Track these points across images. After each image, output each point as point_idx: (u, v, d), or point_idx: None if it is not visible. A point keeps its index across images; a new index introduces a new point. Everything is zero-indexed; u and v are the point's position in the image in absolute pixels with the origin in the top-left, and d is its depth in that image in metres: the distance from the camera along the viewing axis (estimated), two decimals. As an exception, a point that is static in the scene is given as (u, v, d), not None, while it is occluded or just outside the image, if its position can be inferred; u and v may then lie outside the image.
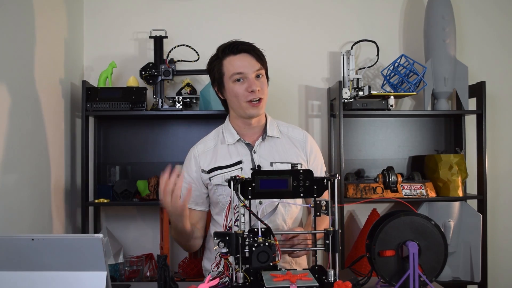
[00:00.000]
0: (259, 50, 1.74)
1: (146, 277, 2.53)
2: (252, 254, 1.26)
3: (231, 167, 1.72)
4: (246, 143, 1.76)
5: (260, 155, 1.73)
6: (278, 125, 1.83)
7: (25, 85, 2.00)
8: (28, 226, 1.98)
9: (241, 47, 1.70)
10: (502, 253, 2.82)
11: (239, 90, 1.68)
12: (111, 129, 2.72)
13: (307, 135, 1.84)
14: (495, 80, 2.81)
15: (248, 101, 1.68)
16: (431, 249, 1.31)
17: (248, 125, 1.76)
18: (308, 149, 1.81)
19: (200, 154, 1.78)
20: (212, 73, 1.77)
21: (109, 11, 2.76)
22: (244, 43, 1.73)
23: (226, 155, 1.75)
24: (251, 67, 1.68)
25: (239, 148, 1.75)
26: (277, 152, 1.75)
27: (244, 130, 1.77)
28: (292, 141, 1.80)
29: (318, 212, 1.37)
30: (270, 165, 1.69)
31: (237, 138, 1.75)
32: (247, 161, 1.72)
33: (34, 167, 2.06)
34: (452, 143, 2.81)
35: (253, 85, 1.66)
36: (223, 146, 1.77)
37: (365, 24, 2.82)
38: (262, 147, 1.75)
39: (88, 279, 1.16)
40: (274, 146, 1.76)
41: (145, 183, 2.53)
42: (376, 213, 2.60)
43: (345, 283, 1.23)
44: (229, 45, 1.72)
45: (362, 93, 2.52)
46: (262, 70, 1.71)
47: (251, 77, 1.67)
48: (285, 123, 1.87)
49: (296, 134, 1.82)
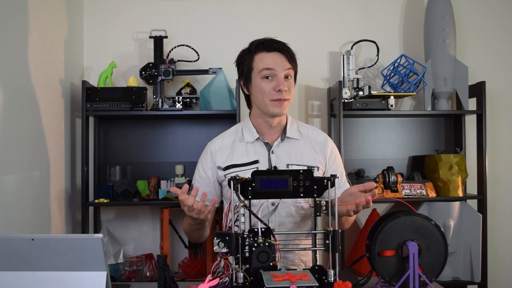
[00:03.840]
0: (292, 52, 1.72)
1: (146, 277, 2.53)
2: (252, 254, 1.26)
3: (247, 165, 1.70)
4: (265, 142, 1.74)
5: (278, 156, 1.71)
6: (298, 126, 1.80)
7: (25, 85, 2.00)
8: (28, 226, 1.98)
9: (275, 45, 1.70)
10: (502, 253, 2.82)
11: (266, 87, 1.66)
12: (111, 129, 2.73)
13: (327, 138, 1.80)
14: (495, 80, 2.81)
15: (273, 100, 1.66)
16: (431, 249, 1.31)
17: (269, 124, 1.73)
18: (328, 152, 1.77)
19: (217, 150, 1.76)
20: (241, 66, 1.75)
21: (109, 11, 2.76)
22: (279, 42, 1.72)
23: (243, 153, 1.73)
24: (282, 66, 1.67)
25: (257, 147, 1.73)
26: (295, 154, 1.72)
27: (264, 129, 1.75)
28: (311, 143, 1.77)
29: (318, 212, 1.37)
30: (286, 167, 1.67)
31: (256, 137, 1.73)
32: (263, 161, 1.71)
33: (34, 167, 2.06)
34: (452, 143, 2.80)
35: (281, 85, 1.64)
36: (241, 143, 1.75)
37: (365, 24, 2.82)
38: (281, 147, 1.73)
39: (88, 279, 1.16)
40: (293, 147, 1.74)
41: (145, 183, 2.53)
42: (376, 213, 2.60)
43: (345, 283, 1.23)
44: (264, 41, 1.71)
45: (362, 93, 2.52)
46: (292, 71, 1.70)
47: (280, 76, 1.66)
48: (306, 124, 1.85)
49: (316, 136, 1.79)
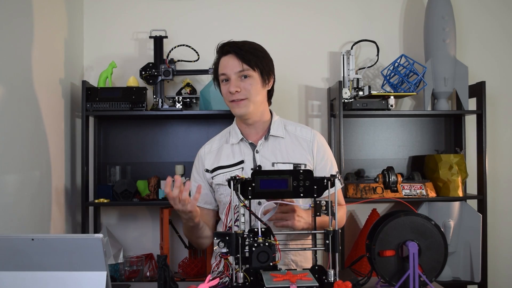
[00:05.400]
0: (247, 49, 1.69)
1: (146, 277, 2.53)
2: (252, 254, 1.25)
3: (232, 166, 1.73)
4: (250, 142, 1.75)
5: (263, 155, 1.72)
6: (285, 125, 1.80)
7: (25, 85, 2.00)
8: (28, 226, 1.97)
9: (226, 48, 1.70)
10: (502, 253, 2.82)
11: (223, 91, 1.72)
12: (111, 129, 2.72)
13: (316, 135, 1.78)
14: (495, 80, 2.81)
15: (230, 101, 1.70)
16: (431, 249, 1.31)
17: (247, 124, 1.76)
18: (315, 149, 1.75)
19: (206, 154, 1.81)
20: (214, 74, 1.80)
21: (109, 11, 2.76)
22: (231, 43, 1.71)
23: (229, 155, 1.75)
24: (232, 68, 1.68)
25: (242, 148, 1.75)
26: (280, 152, 1.73)
27: (246, 129, 1.77)
28: (298, 140, 1.76)
29: (318, 212, 1.37)
30: (272, 165, 1.68)
31: (240, 138, 1.76)
32: (248, 161, 1.72)
33: (34, 167, 2.06)
34: (452, 143, 2.80)
35: (231, 87, 1.67)
36: (227, 145, 1.78)
37: (365, 24, 2.81)
38: (265, 146, 1.74)
39: (88, 279, 1.16)
40: (278, 146, 1.74)
41: (145, 183, 2.53)
42: (376, 213, 2.60)
43: (345, 283, 1.23)
44: (220, 46, 1.74)
45: (362, 93, 2.52)
46: (249, 71, 1.68)
47: (233, 78, 1.68)
48: (295, 122, 1.84)
49: (304, 134, 1.78)
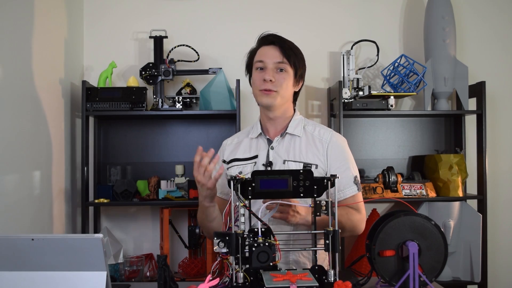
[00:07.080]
0: (290, 46, 1.71)
1: (146, 277, 2.53)
2: (252, 254, 1.25)
3: (247, 160, 1.74)
4: (267, 138, 1.75)
5: (276, 152, 1.72)
6: (305, 124, 1.77)
7: (25, 85, 2.00)
8: (28, 226, 1.98)
9: (270, 38, 1.71)
10: (502, 253, 2.82)
11: (256, 78, 1.70)
12: (111, 129, 2.72)
13: (333, 137, 1.73)
14: (495, 80, 2.81)
15: (261, 90, 1.68)
16: (431, 249, 1.31)
17: (269, 118, 1.74)
18: (330, 150, 1.71)
19: (227, 145, 1.83)
20: (247, 61, 1.79)
21: (109, 11, 2.76)
22: (275, 35, 1.73)
23: (246, 149, 1.77)
24: (272, 58, 1.67)
25: (260, 143, 1.76)
26: (294, 151, 1.71)
27: (267, 124, 1.77)
28: (314, 141, 1.73)
29: (318, 212, 1.37)
30: (283, 163, 1.68)
31: (259, 132, 1.76)
32: (262, 156, 1.72)
33: (34, 167, 2.06)
34: (452, 143, 2.80)
35: (266, 75, 1.66)
36: (247, 139, 1.79)
37: (365, 24, 2.81)
38: (281, 143, 1.73)
39: (88, 279, 1.15)
40: (293, 144, 1.73)
41: (145, 183, 2.53)
42: (376, 213, 2.60)
43: (345, 283, 1.23)
44: (265, 35, 1.73)
45: (362, 93, 2.52)
46: (286, 65, 1.68)
47: (269, 68, 1.67)
48: (317, 123, 1.81)
49: (321, 135, 1.74)
